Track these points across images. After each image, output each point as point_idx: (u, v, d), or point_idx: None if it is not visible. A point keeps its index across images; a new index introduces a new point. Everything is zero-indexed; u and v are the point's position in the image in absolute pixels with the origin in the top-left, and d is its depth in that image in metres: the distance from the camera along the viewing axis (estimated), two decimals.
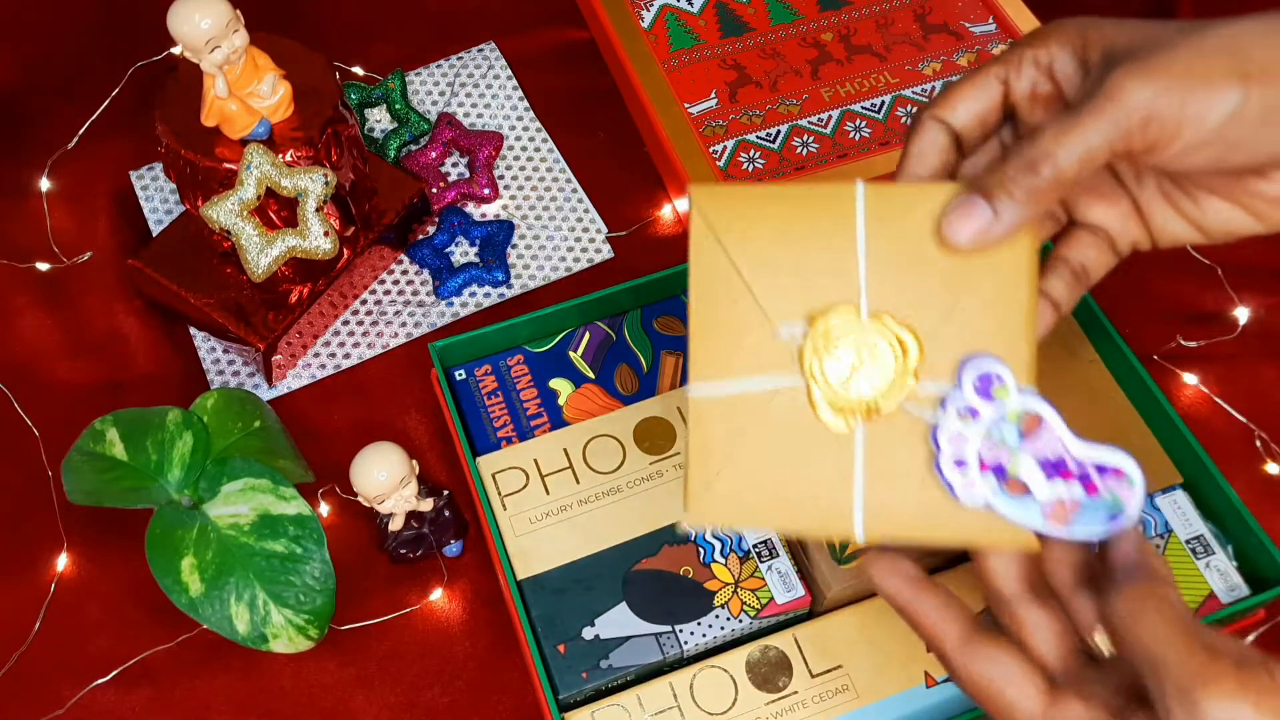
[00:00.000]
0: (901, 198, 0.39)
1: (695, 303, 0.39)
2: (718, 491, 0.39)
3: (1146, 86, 0.36)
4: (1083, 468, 0.38)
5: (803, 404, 0.38)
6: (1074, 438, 0.38)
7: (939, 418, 0.38)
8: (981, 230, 0.37)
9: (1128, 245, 0.43)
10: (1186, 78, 0.36)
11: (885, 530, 0.39)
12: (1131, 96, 0.36)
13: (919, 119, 0.42)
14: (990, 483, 0.37)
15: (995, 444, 0.37)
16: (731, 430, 0.39)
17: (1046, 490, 0.37)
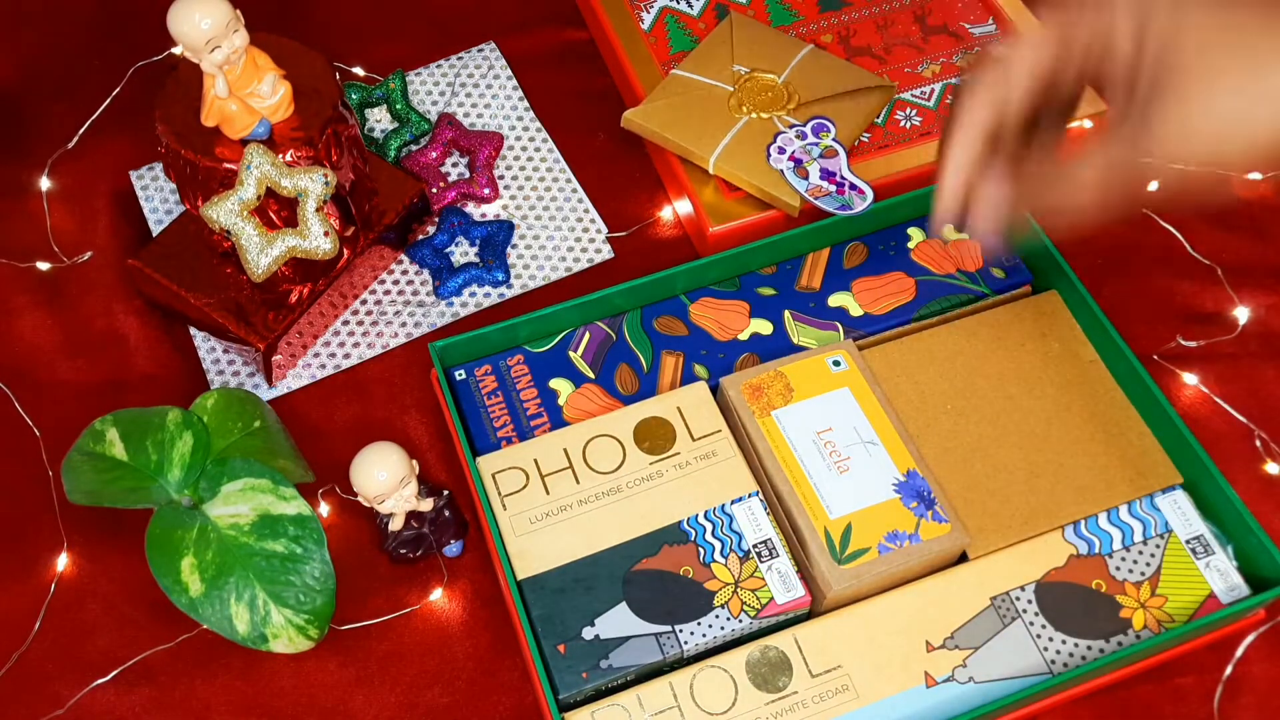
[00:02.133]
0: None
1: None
2: (658, 104, 0.73)
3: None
4: (843, 180, 0.69)
5: (724, 96, 0.73)
6: (847, 169, 0.69)
7: (785, 130, 0.72)
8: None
9: None
10: None
11: (725, 168, 0.71)
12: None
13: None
14: (789, 165, 0.70)
15: (804, 152, 0.70)
16: (687, 87, 0.74)
17: (815, 179, 0.69)
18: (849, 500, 0.56)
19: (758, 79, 0.74)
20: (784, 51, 0.75)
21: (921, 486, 0.57)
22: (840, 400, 0.59)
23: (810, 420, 0.58)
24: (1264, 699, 0.58)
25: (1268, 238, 0.73)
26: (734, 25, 0.77)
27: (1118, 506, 0.58)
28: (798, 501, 0.56)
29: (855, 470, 0.57)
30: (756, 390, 0.59)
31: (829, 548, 0.55)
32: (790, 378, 0.60)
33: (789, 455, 0.57)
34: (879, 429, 0.58)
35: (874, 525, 0.55)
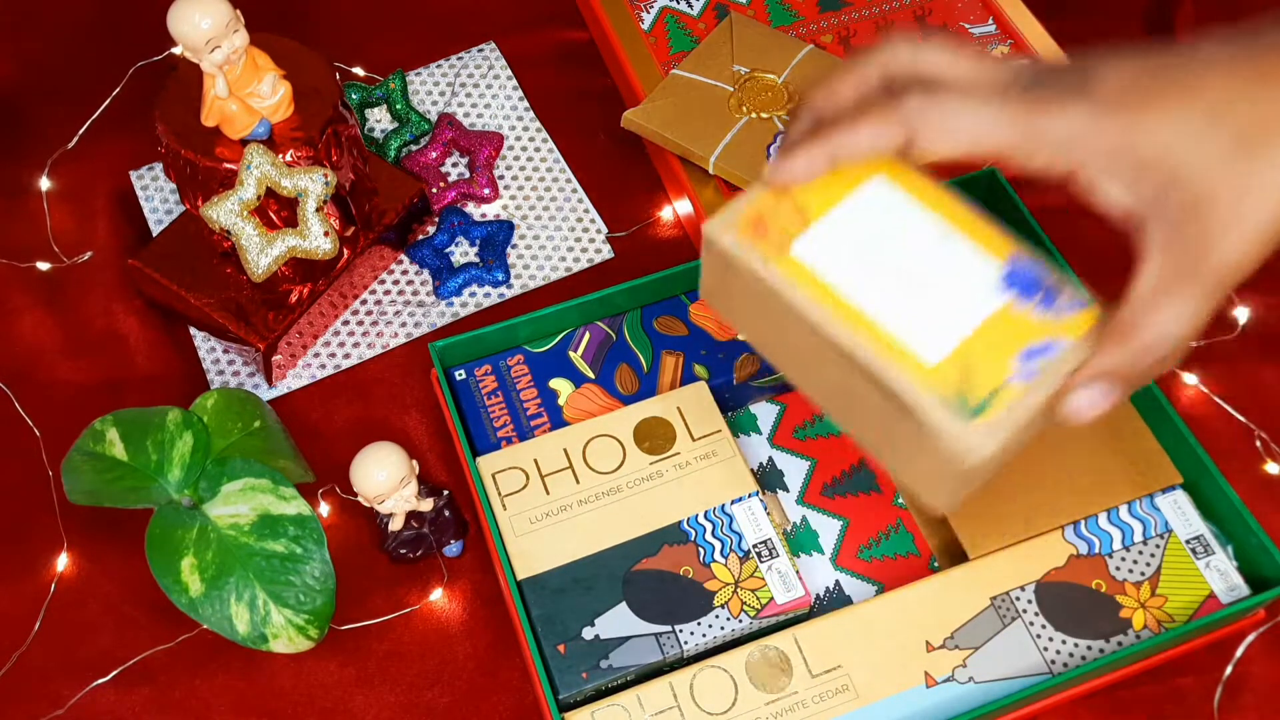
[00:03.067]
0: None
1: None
2: (658, 104, 0.73)
3: (1253, 246, 0.38)
4: None
5: (724, 96, 0.73)
6: None
7: (784, 130, 0.59)
8: (1101, 412, 0.41)
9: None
10: None
11: (725, 168, 0.70)
12: (1239, 261, 0.38)
13: (883, 115, 0.42)
14: None
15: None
16: (687, 87, 0.73)
17: None
18: (943, 331, 0.41)
19: (758, 79, 0.74)
20: (784, 51, 0.76)
21: (1035, 272, 0.42)
22: (877, 195, 0.44)
23: (847, 239, 0.43)
24: (1264, 699, 0.58)
25: None
26: (734, 25, 0.77)
27: (1118, 506, 0.58)
28: (874, 359, 0.41)
29: (935, 285, 0.42)
30: (758, 224, 0.43)
31: (947, 404, 0.40)
32: (796, 191, 0.44)
33: (836, 300, 0.42)
34: (947, 214, 0.43)
35: (993, 350, 0.41)
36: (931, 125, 0.39)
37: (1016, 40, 0.78)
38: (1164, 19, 0.83)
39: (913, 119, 0.40)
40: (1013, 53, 0.78)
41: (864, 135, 0.41)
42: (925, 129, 0.40)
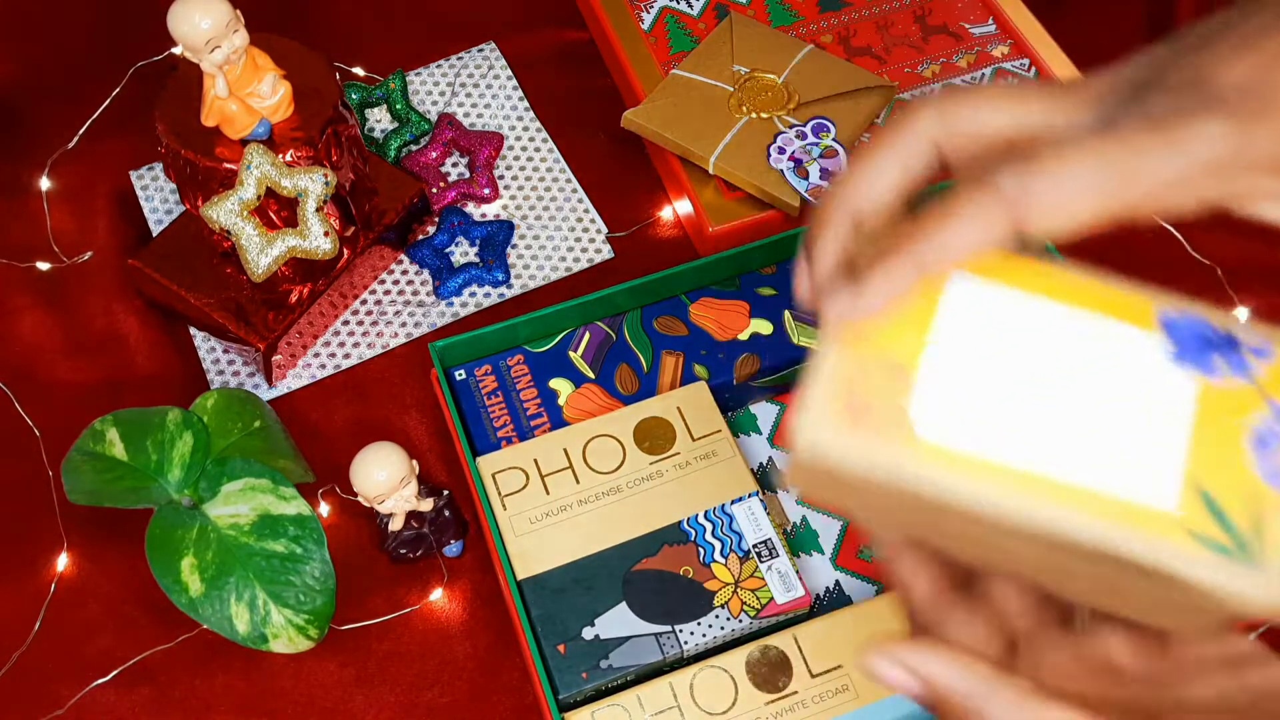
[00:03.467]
0: None
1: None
2: (658, 104, 0.73)
3: None
4: None
5: (724, 96, 0.73)
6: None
7: (786, 130, 0.72)
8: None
9: None
10: None
11: (725, 168, 0.71)
12: None
13: (980, 198, 0.31)
14: (789, 165, 0.70)
15: (804, 152, 0.71)
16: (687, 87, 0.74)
17: (815, 179, 0.69)
18: (1157, 458, 0.31)
19: (758, 79, 0.74)
20: (784, 51, 0.76)
21: (1196, 327, 0.32)
22: (967, 302, 0.32)
23: (969, 380, 0.31)
24: None
25: (1267, 238, 0.73)
26: (734, 25, 0.77)
27: None
28: (1107, 538, 0.30)
29: (1105, 400, 0.31)
30: (852, 404, 0.31)
31: (1219, 556, 0.30)
32: (873, 338, 0.32)
33: (1009, 476, 0.31)
34: (1055, 292, 0.32)
35: (1222, 458, 0.31)
36: (1044, 202, 0.30)
37: (1017, 40, 0.78)
38: (1164, 19, 0.83)
39: (1017, 202, 0.30)
40: (1012, 53, 0.78)
41: (961, 234, 0.31)
42: (1036, 209, 0.30)
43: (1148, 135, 0.30)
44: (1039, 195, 0.30)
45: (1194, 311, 0.32)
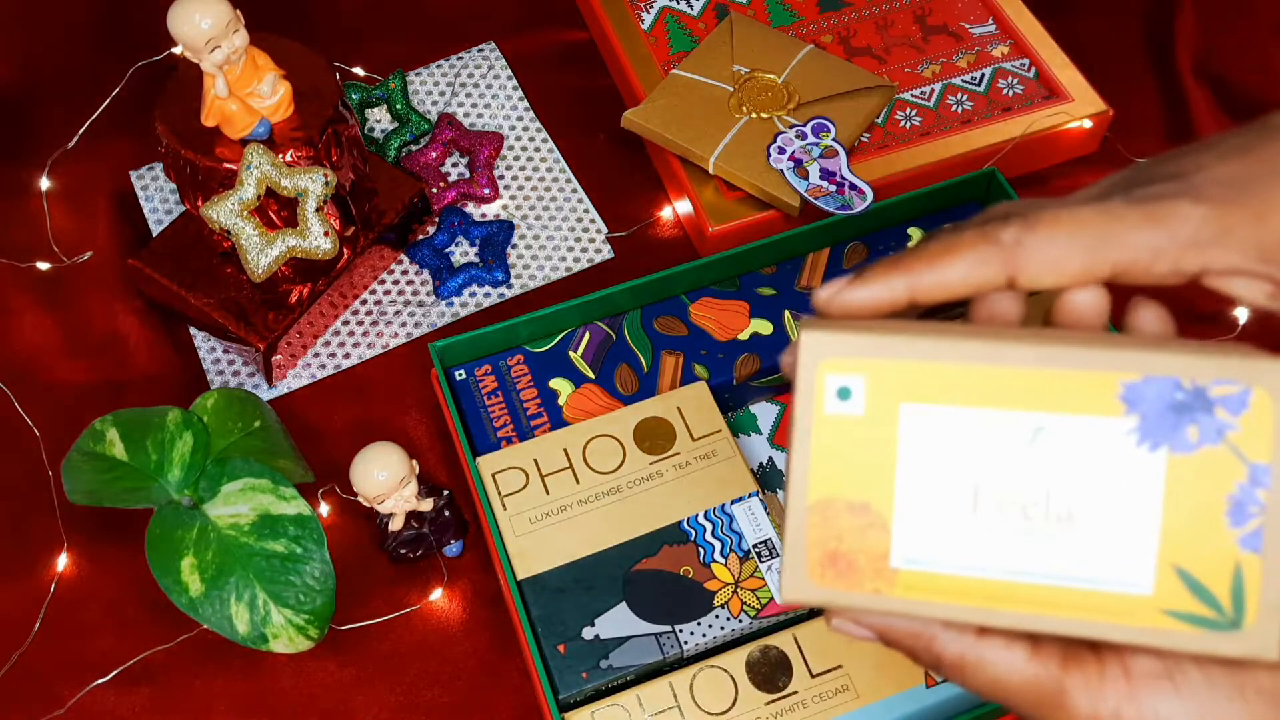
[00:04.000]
0: None
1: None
2: (658, 104, 0.73)
3: None
4: (843, 180, 0.69)
5: (724, 96, 0.73)
6: (848, 170, 0.69)
7: (785, 130, 0.71)
8: None
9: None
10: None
11: (725, 168, 0.71)
12: None
13: (982, 243, 0.35)
14: (789, 165, 0.70)
15: (804, 152, 0.70)
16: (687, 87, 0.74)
17: (815, 179, 0.69)
18: (1130, 543, 0.32)
19: (758, 79, 0.74)
20: (784, 51, 0.76)
21: (1162, 396, 0.31)
22: (922, 431, 0.33)
23: (943, 510, 0.33)
24: None
25: None
26: (734, 25, 0.77)
27: None
28: (1093, 630, 0.32)
29: (1072, 494, 0.32)
30: (834, 560, 0.33)
31: (1200, 627, 0.32)
32: (840, 491, 0.33)
33: (995, 591, 0.32)
34: (1003, 398, 0.32)
35: (1198, 530, 0.32)
36: (1036, 258, 0.34)
37: (1017, 40, 0.78)
38: (1165, 17, 0.83)
39: (1013, 255, 0.34)
40: (1012, 53, 0.78)
41: (957, 270, 0.34)
42: (1029, 262, 0.34)
43: (1133, 211, 0.34)
44: (1033, 251, 0.34)
45: (1161, 369, 0.31)
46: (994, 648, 0.33)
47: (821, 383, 0.32)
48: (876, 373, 0.32)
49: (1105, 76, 0.76)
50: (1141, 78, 0.81)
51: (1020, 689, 0.32)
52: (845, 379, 0.32)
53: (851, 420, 0.33)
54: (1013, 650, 0.33)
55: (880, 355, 0.32)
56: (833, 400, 0.32)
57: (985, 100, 0.76)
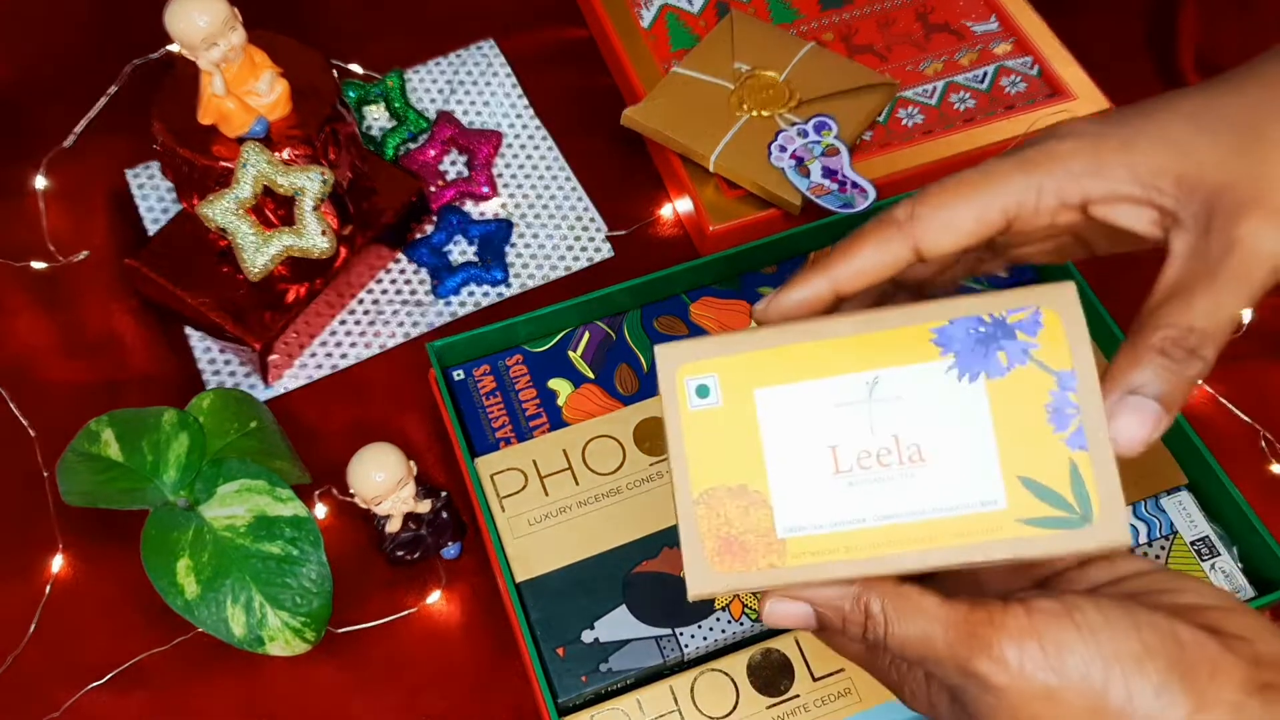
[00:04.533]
0: None
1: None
2: (658, 102, 0.72)
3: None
4: (845, 178, 0.67)
5: (725, 94, 0.72)
6: (849, 168, 0.68)
7: (787, 128, 0.70)
8: (1155, 431, 0.35)
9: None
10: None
11: (725, 166, 0.69)
12: (1271, 252, 0.35)
13: (882, 226, 0.39)
14: (791, 164, 0.68)
15: (806, 150, 0.69)
16: (688, 85, 0.73)
17: (816, 177, 0.68)
18: (976, 468, 0.35)
19: (759, 77, 0.73)
20: (785, 49, 0.75)
21: (963, 331, 0.36)
22: (774, 410, 0.36)
23: (808, 476, 0.36)
24: None
25: None
26: (735, 23, 0.77)
27: None
28: (962, 553, 0.35)
29: (917, 438, 0.36)
30: (728, 546, 0.36)
31: (1058, 527, 0.35)
32: (719, 478, 0.36)
33: (873, 539, 0.36)
34: (833, 364, 0.36)
35: (1029, 441, 0.35)
36: (930, 224, 0.38)
37: (1019, 38, 0.78)
38: (1166, 16, 0.83)
39: (910, 226, 0.38)
40: (1015, 50, 0.78)
41: (867, 256, 0.39)
42: (925, 231, 0.38)
43: (1008, 161, 0.38)
44: (926, 220, 0.38)
45: (963, 311, 0.36)
46: (913, 589, 0.36)
47: (682, 385, 0.36)
48: (726, 368, 0.36)
49: (1108, 74, 0.76)
50: (1144, 75, 0.80)
51: (937, 637, 0.34)
52: (701, 379, 0.37)
53: (714, 413, 0.36)
54: (926, 595, 0.35)
55: (725, 352, 0.36)
56: (695, 399, 0.36)
57: (988, 98, 0.75)
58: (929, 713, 0.38)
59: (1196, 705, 0.33)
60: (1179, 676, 0.33)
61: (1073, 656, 0.33)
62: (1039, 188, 0.37)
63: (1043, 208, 0.38)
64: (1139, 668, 0.33)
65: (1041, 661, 0.33)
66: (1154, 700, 0.33)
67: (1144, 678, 0.33)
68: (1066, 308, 0.35)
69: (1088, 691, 0.33)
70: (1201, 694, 0.33)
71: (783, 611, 0.37)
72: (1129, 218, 0.37)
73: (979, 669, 0.34)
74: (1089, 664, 0.33)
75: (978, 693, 0.34)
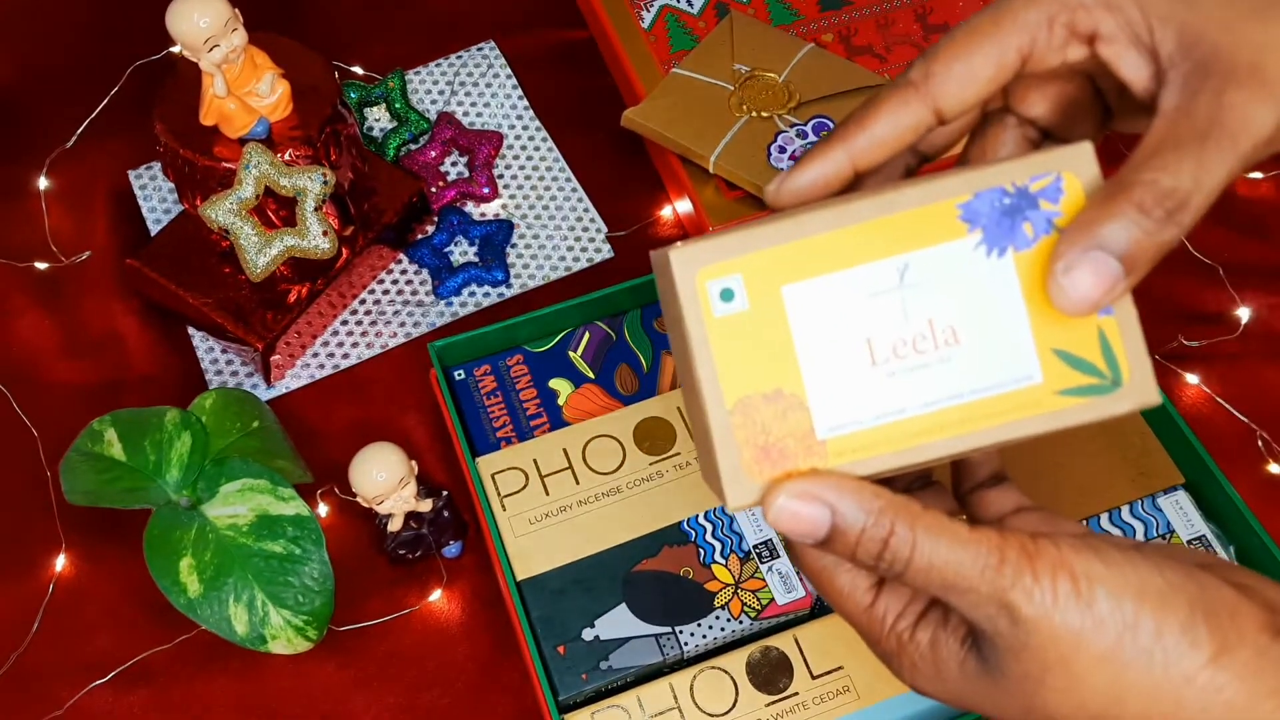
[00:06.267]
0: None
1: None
2: (658, 103, 0.72)
3: (1273, 112, 0.33)
4: None
5: (725, 95, 0.73)
6: None
7: (786, 129, 0.71)
8: (1110, 294, 0.33)
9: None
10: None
11: (725, 167, 0.70)
12: (1259, 126, 0.33)
13: (897, 90, 0.36)
14: (790, 164, 0.53)
15: (805, 151, 0.53)
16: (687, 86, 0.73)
17: None
18: (1012, 348, 0.35)
19: (759, 78, 0.74)
20: (785, 50, 0.75)
21: (989, 205, 0.34)
22: (807, 304, 0.34)
23: (846, 373, 0.34)
24: None
25: (1269, 237, 0.73)
26: (734, 24, 0.77)
27: (1120, 507, 0.58)
28: (1009, 430, 0.35)
29: (954, 320, 0.35)
30: (766, 452, 0.34)
31: (1096, 394, 0.35)
32: (754, 379, 0.34)
33: (916, 429, 0.35)
34: (863, 249, 0.34)
35: (1058, 315, 0.34)
36: (946, 78, 0.36)
37: None
38: None
39: (927, 85, 0.36)
40: None
41: (883, 120, 0.36)
42: (943, 86, 0.36)
43: (1021, 10, 0.36)
44: (942, 74, 0.36)
45: (986, 183, 0.34)
46: (941, 514, 0.34)
47: (704, 290, 0.34)
48: (750, 267, 0.34)
49: None
50: None
51: (969, 564, 0.33)
52: (724, 281, 0.34)
53: (741, 317, 0.34)
54: (956, 520, 0.34)
55: (747, 250, 0.34)
56: (719, 304, 0.34)
57: None
58: (931, 682, 0.36)
59: (1220, 646, 0.32)
60: (1203, 616, 0.32)
61: (1102, 589, 0.32)
62: (1050, 18, 0.35)
63: (1054, 41, 0.36)
64: (1164, 604, 0.32)
65: (1073, 595, 0.32)
66: (1180, 637, 0.32)
67: (1171, 614, 0.32)
68: (1084, 169, 0.34)
69: (1118, 626, 0.32)
70: (1225, 635, 0.32)
71: (795, 510, 0.34)
72: (1129, 66, 0.36)
73: (1014, 599, 0.32)
74: (1118, 598, 0.32)
75: (1007, 627, 0.33)
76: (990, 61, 0.36)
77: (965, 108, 0.36)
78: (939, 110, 0.36)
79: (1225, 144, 0.33)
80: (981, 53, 0.36)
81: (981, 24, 0.36)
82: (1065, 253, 0.33)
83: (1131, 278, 0.33)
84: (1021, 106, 0.40)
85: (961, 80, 0.36)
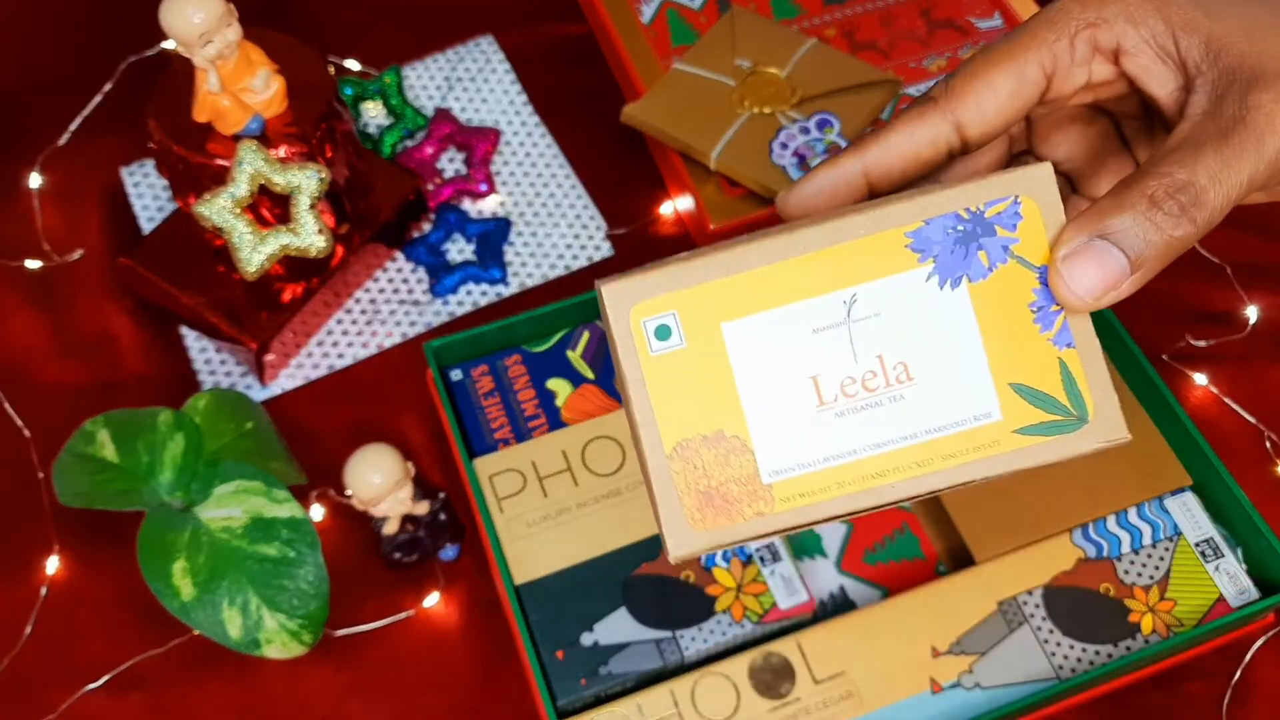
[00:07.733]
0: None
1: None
2: (659, 99, 0.72)
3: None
4: None
5: (726, 91, 0.72)
6: None
7: (789, 126, 0.70)
8: (1112, 289, 0.32)
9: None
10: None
11: (727, 164, 0.69)
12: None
13: (917, 105, 0.36)
14: (793, 161, 0.68)
15: (808, 148, 0.69)
16: (688, 82, 0.73)
17: None
18: (969, 383, 0.33)
19: (760, 74, 0.73)
20: (787, 46, 0.75)
21: (938, 232, 0.33)
22: (746, 338, 0.33)
23: (786, 413, 0.33)
24: (1272, 703, 0.57)
25: (1278, 236, 0.72)
26: (736, 19, 0.76)
27: (1126, 509, 0.57)
28: (962, 473, 0.33)
29: (905, 353, 0.33)
30: (708, 501, 0.33)
31: (1058, 431, 0.33)
32: (684, 419, 0.33)
33: (864, 471, 0.33)
34: (808, 285, 0.33)
35: (1017, 348, 0.33)
36: (968, 96, 0.35)
37: None
38: None
39: (948, 103, 0.36)
40: None
41: (900, 133, 0.36)
42: (965, 106, 0.35)
43: (1036, 22, 0.36)
44: (963, 92, 0.35)
45: (937, 209, 0.33)
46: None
47: (638, 327, 0.32)
48: (686, 303, 0.32)
49: None
50: None
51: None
52: (660, 318, 0.32)
53: (678, 355, 0.32)
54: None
55: (683, 284, 0.32)
56: (655, 342, 0.32)
57: None
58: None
59: None
60: None
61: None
62: (1071, 35, 0.35)
63: (1077, 58, 0.35)
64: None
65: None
66: None
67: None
68: (1043, 192, 0.32)
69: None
70: None
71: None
72: (1156, 79, 0.35)
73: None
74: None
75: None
76: (1011, 77, 0.35)
77: (987, 124, 0.36)
78: (960, 125, 0.36)
79: (1249, 143, 0.32)
80: (1002, 69, 0.35)
81: (1002, 44, 0.36)
82: (1067, 239, 0.32)
83: (1138, 275, 0.32)
84: (1044, 148, 0.39)
85: (982, 95, 0.35)
